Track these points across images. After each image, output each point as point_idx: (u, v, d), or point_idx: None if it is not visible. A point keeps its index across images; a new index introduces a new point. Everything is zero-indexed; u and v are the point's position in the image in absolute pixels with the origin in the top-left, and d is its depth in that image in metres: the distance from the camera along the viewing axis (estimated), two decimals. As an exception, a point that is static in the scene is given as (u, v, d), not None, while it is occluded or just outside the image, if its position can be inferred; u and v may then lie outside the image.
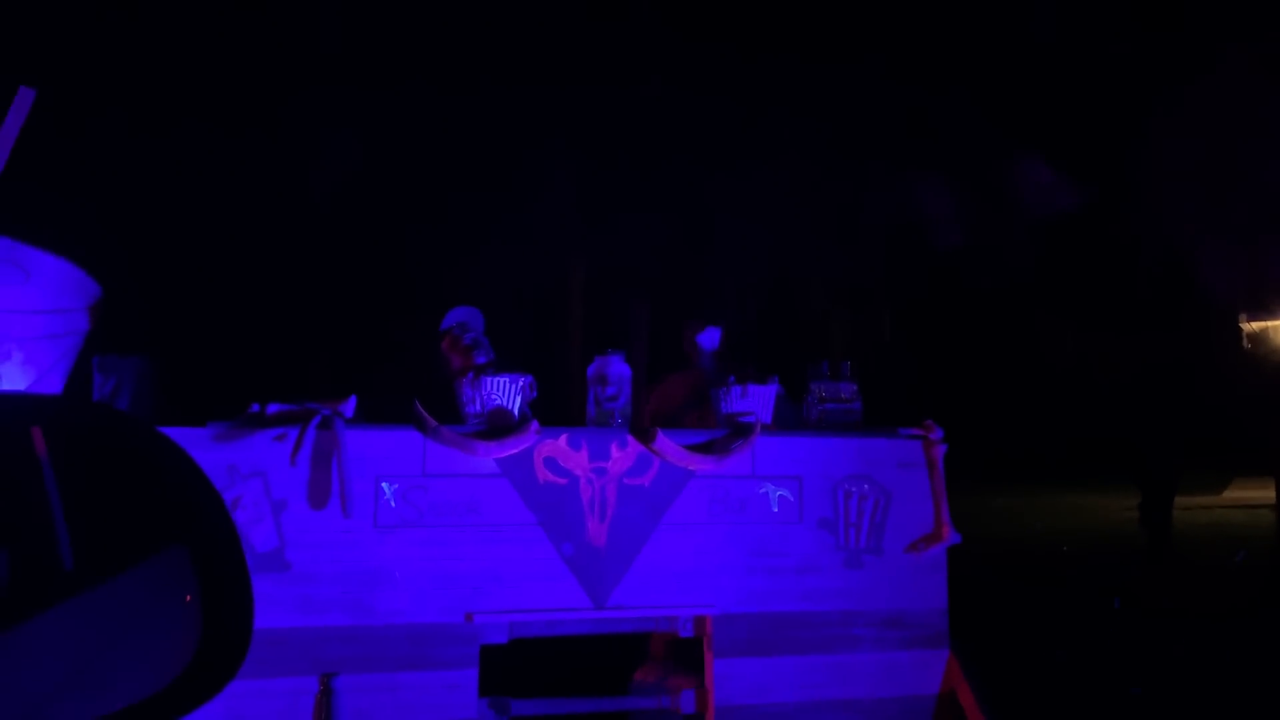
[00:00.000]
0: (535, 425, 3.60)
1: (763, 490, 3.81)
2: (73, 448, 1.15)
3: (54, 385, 3.51)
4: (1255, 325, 13.22)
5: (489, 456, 3.54)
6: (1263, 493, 16.63)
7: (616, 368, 4.20)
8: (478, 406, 3.66)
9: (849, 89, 11.43)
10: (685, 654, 3.81)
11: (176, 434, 3.26)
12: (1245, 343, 13.39)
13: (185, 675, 1.08)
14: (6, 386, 3.22)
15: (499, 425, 3.60)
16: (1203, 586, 9.45)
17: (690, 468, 3.73)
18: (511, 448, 3.55)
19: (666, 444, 3.68)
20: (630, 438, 3.70)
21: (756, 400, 3.90)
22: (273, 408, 3.38)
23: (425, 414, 3.49)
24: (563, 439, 3.65)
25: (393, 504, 3.44)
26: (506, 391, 3.65)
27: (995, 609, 7.50)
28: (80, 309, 3.58)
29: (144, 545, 1.13)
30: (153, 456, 1.18)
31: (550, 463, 3.62)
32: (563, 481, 3.62)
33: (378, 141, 10.76)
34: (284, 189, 10.59)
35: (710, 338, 4.37)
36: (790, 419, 4.11)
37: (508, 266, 10.72)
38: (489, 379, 3.66)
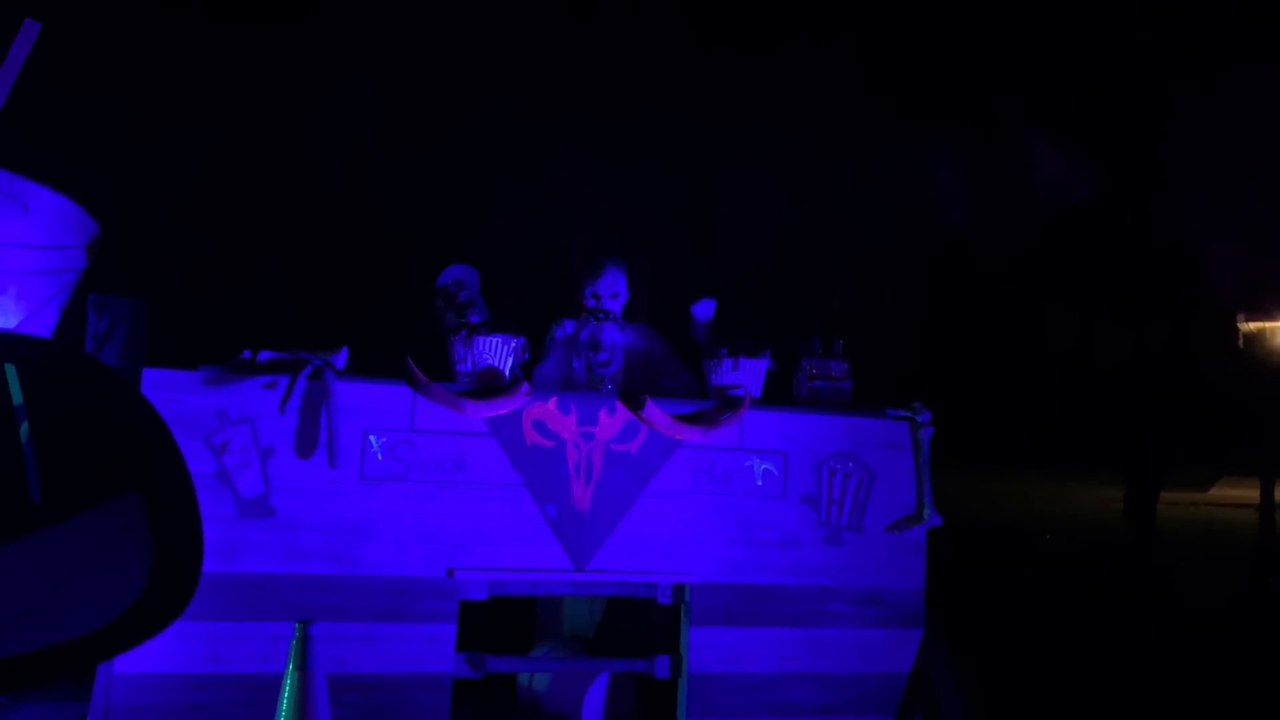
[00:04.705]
0: (525, 387, 3.61)
1: (748, 463, 3.83)
2: (45, 388, 1.17)
3: (48, 321, 3.52)
4: (1253, 326, 13.21)
5: (478, 415, 3.56)
6: (1248, 492, 16.71)
7: (610, 334, 4.21)
8: (469, 365, 3.68)
9: (855, 60, 11.34)
10: (662, 620, 3.84)
11: (167, 376, 3.27)
12: (1241, 343, 13.40)
13: (133, 610, 1.11)
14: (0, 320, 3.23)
15: (489, 385, 3.62)
16: (1182, 581, 9.53)
17: (678, 437, 3.75)
18: (501, 408, 3.57)
19: (655, 412, 3.70)
20: (619, 404, 3.72)
21: (747, 373, 3.91)
22: (264, 355, 3.39)
23: (416, 369, 3.50)
24: (552, 402, 3.67)
25: (379, 457, 3.47)
26: (498, 352, 3.67)
27: (973, 591, 7.55)
28: (78, 246, 3.58)
29: (103, 487, 1.16)
30: (118, 404, 1.21)
31: (539, 425, 3.64)
32: (550, 444, 3.64)
33: (381, 93, 10.69)
34: (287, 137, 10.54)
35: (705, 308, 4.36)
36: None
37: (509, 226, 10.68)
38: (481, 338, 3.67)
